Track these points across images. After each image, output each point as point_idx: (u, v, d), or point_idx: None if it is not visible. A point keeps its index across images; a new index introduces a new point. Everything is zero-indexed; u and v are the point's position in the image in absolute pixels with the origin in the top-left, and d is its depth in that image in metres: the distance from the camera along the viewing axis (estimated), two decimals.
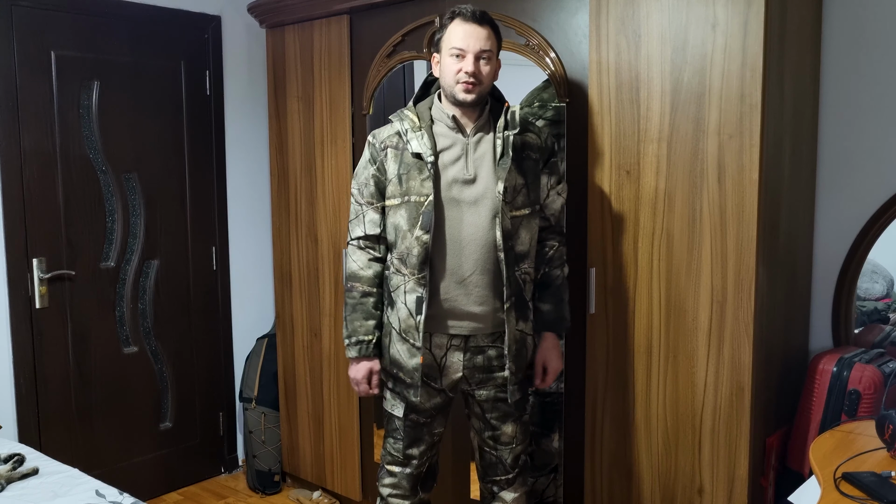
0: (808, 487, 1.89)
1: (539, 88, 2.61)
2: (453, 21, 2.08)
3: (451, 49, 2.07)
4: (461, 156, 2.12)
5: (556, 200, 2.22)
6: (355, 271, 2.21)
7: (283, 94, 3.24)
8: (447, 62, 2.09)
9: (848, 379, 2.18)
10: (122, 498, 2.17)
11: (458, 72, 2.06)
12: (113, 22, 3.17)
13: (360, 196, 2.21)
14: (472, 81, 2.05)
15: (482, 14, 2.07)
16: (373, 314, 2.20)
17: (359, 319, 2.20)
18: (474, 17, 2.06)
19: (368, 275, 2.20)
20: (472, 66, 2.05)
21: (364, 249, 2.21)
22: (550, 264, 2.23)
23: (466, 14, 2.06)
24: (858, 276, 2.41)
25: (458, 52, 2.06)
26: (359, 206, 2.22)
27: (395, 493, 2.31)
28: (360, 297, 2.20)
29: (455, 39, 2.06)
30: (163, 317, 3.42)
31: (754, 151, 2.02)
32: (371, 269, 2.20)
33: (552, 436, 2.65)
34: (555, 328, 2.24)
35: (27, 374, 3.03)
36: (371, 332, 2.20)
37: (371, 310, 2.20)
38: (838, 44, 2.37)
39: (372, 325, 2.20)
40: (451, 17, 2.09)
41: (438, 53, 2.14)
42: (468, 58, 2.05)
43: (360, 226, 2.21)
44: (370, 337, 2.20)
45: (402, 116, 2.17)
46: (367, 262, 2.21)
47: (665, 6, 2.14)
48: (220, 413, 3.68)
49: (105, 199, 3.21)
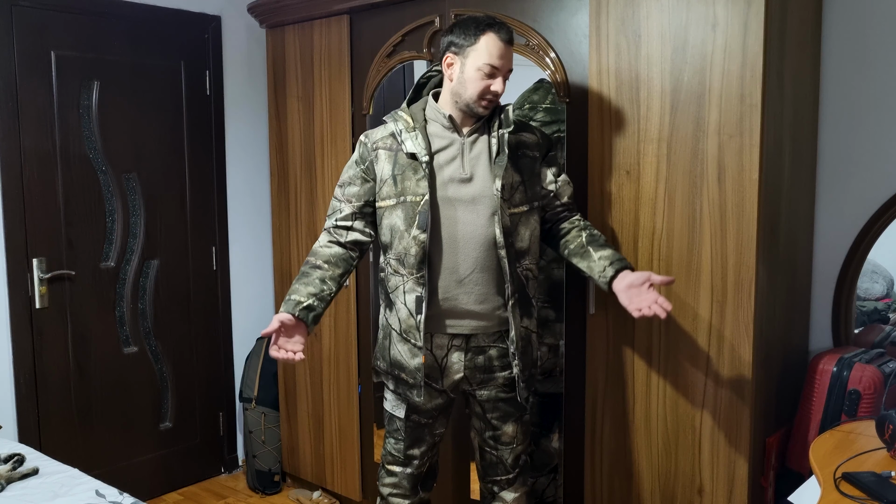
0: (808, 487, 1.89)
1: (529, 90, 2.61)
2: (486, 34, 2.03)
3: (483, 65, 2.03)
4: (457, 155, 2.12)
5: (565, 188, 2.21)
6: (315, 248, 2.23)
7: (283, 94, 3.24)
8: (474, 75, 2.04)
9: (848, 379, 2.18)
10: (122, 498, 2.17)
11: (486, 89, 2.04)
12: (113, 22, 3.17)
13: (340, 193, 2.23)
14: (495, 101, 2.07)
15: (510, 32, 2.07)
16: (315, 284, 2.15)
17: (298, 285, 2.16)
18: (508, 37, 2.05)
19: (325, 253, 2.20)
20: (501, 86, 2.05)
21: (329, 233, 2.23)
22: (588, 228, 2.18)
23: (502, 32, 2.04)
24: (858, 276, 2.41)
25: (492, 71, 2.04)
26: (338, 202, 2.23)
27: (396, 492, 2.31)
28: (308, 268, 2.19)
29: (490, 56, 2.03)
30: (163, 317, 3.42)
31: (754, 151, 2.02)
32: (330, 249, 2.21)
33: (552, 436, 2.65)
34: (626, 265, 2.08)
35: (27, 374, 3.03)
36: (305, 296, 2.12)
37: (315, 280, 2.16)
38: (838, 44, 2.37)
39: (307, 292, 2.13)
40: (483, 27, 2.04)
41: (458, 57, 2.08)
42: (499, 78, 2.05)
43: (332, 219, 2.23)
44: (301, 299, 2.12)
45: (396, 117, 2.17)
46: (328, 243, 2.22)
47: (665, 6, 2.14)
48: (220, 413, 3.68)
49: (105, 199, 3.21)
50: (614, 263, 2.08)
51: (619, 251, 2.22)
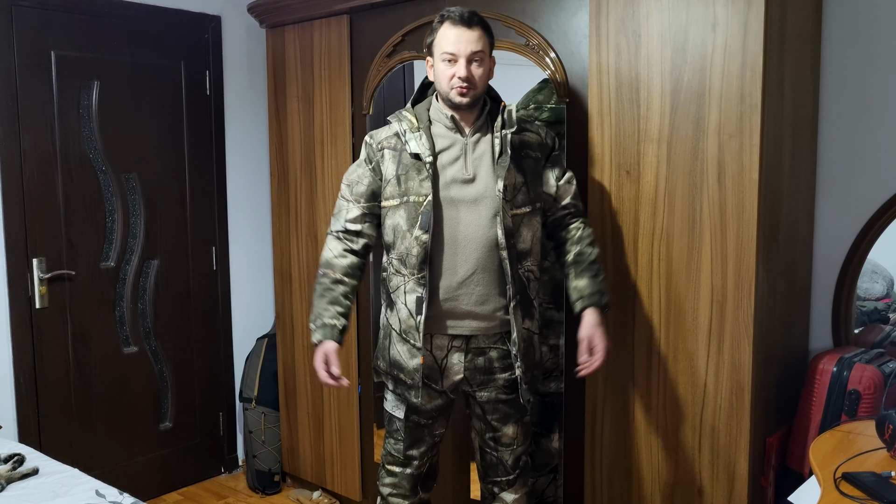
0: (808, 487, 1.89)
1: (534, 90, 2.61)
2: (443, 25, 2.06)
3: (442, 54, 2.05)
4: (460, 156, 2.12)
5: (568, 189, 2.20)
6: (329, 259, 2.20)
7: (283, 94, 3.24)
8: (440, 67, 2.07)
9: (848, 379, 2.18)
10: (122, 498, 2.17)
11: (452, 77, 2.05)
12: (113, 22, 3.17)
13: (347, 193, 2.21)
14: (465, 86, 2.05)
15: (471, 15, 2.05)
16: (340, 301, 2.17)
17: (324, 304, 2.16)
18: (462, 20, 2.04)
19: (342, 264, 2.19)
20: (464, 70, 2.03)
21: (341, 240, 2.21)
22: (580, 243, 2.18)
23: (455, 17, 2.04)
24: (858, 276, 2.41)
25: (450, 57, 2.04)
26: (345, 201, 2.21)
27: (396, 492, 2.31)
28: (330, 284, 2.18)
29: (446, 44, 2.05)
30: (163, 317, 3.42)
31: (754, 151, 2.02)
32: (346, 259, 2.19)
33: (552, 436, 2.65)
34: (595, 301, 2.13)
35: (27, 374, 3.03)
36: (337, 317, 2.15)
37: (339, 297, 2.17)
38: (838, 44, 2.37)
39: (338, 312, 2.15)
40: (440, 20, 2.08)
41: (431, 57, 2.12)
42: (460, 62, 2.04)
43: (340, 221, 2.21)
44: (335, 322, 2.14)
45: (400, 117, 2.17)
46: (342, 252, 2.20)
47: (665, 6, 2.14)
48: (220, 413, 3.68)
49: (105, 199, 3.21)
50: (583, 299, 2.13)
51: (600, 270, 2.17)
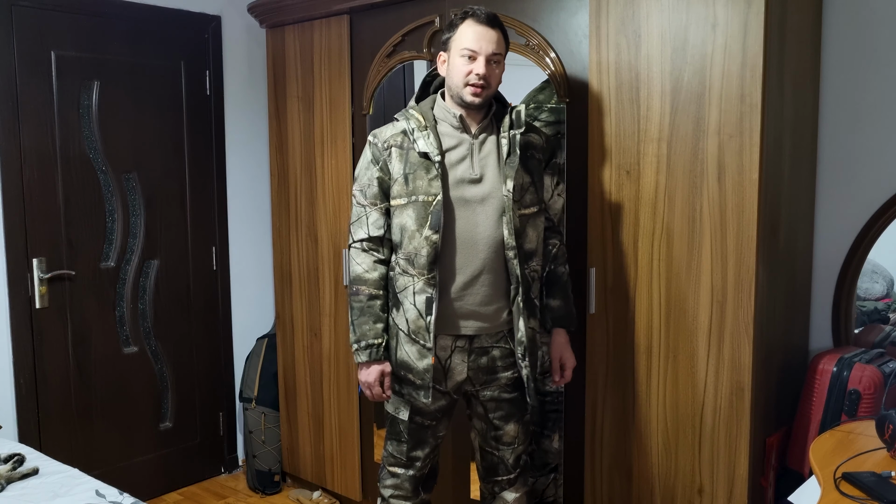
0: (808, 487, 1.89)
1: (536, 90, 2.61)
2: (465, 21, 2.05)
3: (462, 50, 2.04)
4: (467, 155, 2.11)
5: (557, 201, 2.23)
6: (360, 274, 2.17)
7: (283, 94, 3.24)
8: (457, 62, 2.06)
9: (848, 379, 2.18)
10: (122, 498, 2.17)
11: (469, 73, 2.04)
12: (113, 22, 3.17)
13: (362, 198, 2.17)
14: (481, 84, 2.04)
15: (494, 17, 2.06)
16: (381, 317, 2.17)
17: (367, 323, 2.16)
18: (487, 20, 2.04)
19: (374, 277, 2.17)
20: (483, 68, 2.03)
21: (368, 252, 2.17)
22: (556, 261, 2.24)
23: (480, 16, 2.04)
24: (858, 276, 2.41)
25: (470, 54, 2.04)
26: (361, 207, 2.17)
27: (397, 493, 2.31)
28: (367, 301, 2.16)
29: (467, 41, 2.04)
30: (163, 317, 3.42)
31: (754, 151, 2.02)
32: (377, 271, 2.17)
33: (552, 436, 2.65)
34: (565, 323, 2.25)
35: (27, 374, 3.03)
36: (380, 335, 2.17)
37: (379, 313, 2.17)
38: (838, 44, 2.37)
39: (381, 329, 2.17)
40: (462, 17, 2.06)
41: (446, 52, 2.11)
42: (480, 60, 2.03)
43: (364, 228, 2.17)
44: (380, 340, 2.16)
45: (408, 116, 2.15)
46: (373, 265, 2.17)
47: (665, 6, 2.14)
48: (220, 413, 3.68)
49: (105, 199, 3.21)
50: (555, 319, 2.24)
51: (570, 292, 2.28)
